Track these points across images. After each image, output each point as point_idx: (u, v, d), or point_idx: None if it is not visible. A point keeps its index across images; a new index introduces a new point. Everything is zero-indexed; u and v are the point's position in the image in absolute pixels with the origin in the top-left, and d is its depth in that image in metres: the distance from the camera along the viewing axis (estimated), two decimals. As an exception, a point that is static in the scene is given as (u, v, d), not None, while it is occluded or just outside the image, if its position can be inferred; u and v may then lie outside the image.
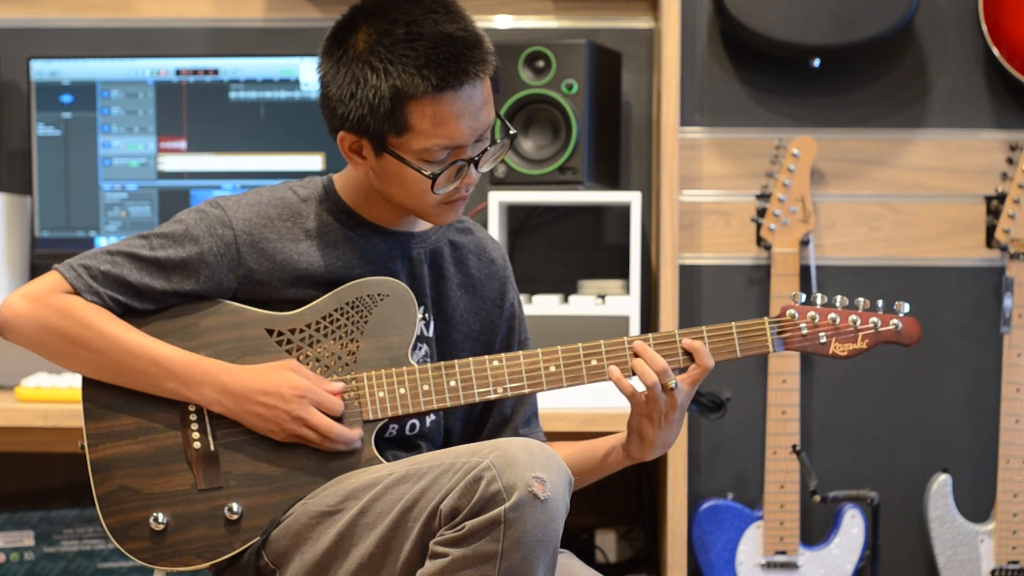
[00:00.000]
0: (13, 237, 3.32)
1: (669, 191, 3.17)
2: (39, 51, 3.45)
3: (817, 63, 3.35)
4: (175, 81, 3.33)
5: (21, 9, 3.50)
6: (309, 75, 3.30)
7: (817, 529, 3.43)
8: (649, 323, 3.31)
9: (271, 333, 2.07)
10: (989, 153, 3.44)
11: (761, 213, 3.37)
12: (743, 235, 3.45)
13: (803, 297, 2.11)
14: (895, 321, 2.11)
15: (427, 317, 2.16)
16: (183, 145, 3.34)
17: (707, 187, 3.46)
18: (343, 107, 2.00)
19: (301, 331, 2.08)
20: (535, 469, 1.81)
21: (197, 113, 3.33)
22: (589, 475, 2.18)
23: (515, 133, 2.09)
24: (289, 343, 2.07)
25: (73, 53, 3.44)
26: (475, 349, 2.20)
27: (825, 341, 2.10)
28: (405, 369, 2.07)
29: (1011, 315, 3.29)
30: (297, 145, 3.32)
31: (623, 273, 3.31)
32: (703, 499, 3.36)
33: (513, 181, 3.22)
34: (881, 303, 2.12)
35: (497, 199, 3.22)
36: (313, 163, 3.32)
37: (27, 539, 3.30)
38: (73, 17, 3.51)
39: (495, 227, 3.21)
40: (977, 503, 3.39)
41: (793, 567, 3.29)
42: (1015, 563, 3.29)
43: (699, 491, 3.44)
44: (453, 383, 2.06)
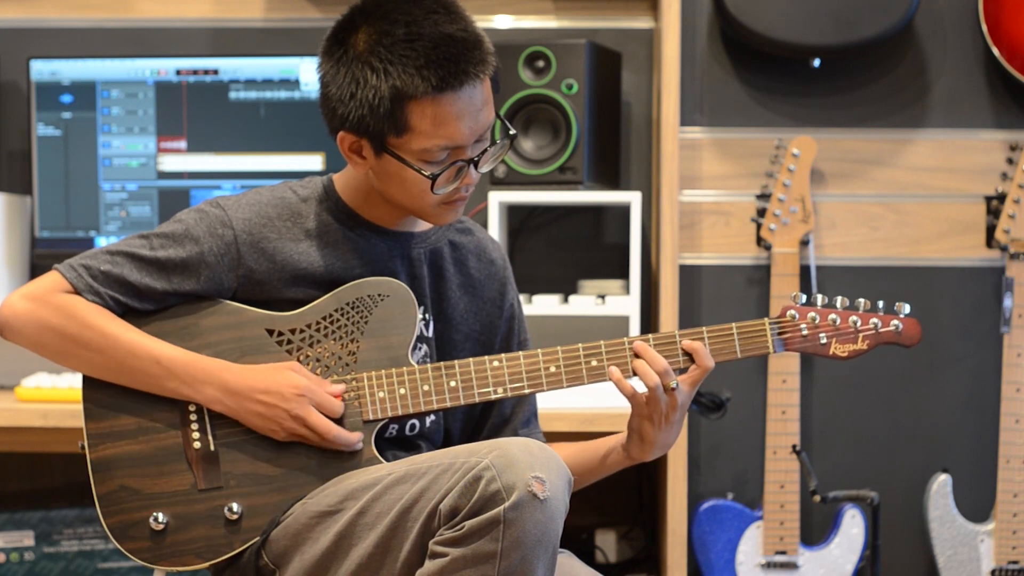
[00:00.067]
0: (13, 237, 3.32)
1: (669, 191, 3.17)
2: (39, 51, 3.45)
3: (817, 63, 3.35)
4: (175, 81, 3.33)
5: (21, 9, 3.50)
6: (309, 75, 3.30)
7: (817, 529, 3.43)
8: (649, 323, 3.31)
9: (271, 333, 2.07)
10: (989, 153, 3.44)
11: (761, 213, 3.37)
12: (743, 235, 3.45)
13: (803, 298, 2.11)
14: (895, 322, 2.11)
15: (427, 317, 2.16)
16: (183, 145, 3.34)
17: (707, 187, 3.46)
18: (343, 107, 2.00)
19: (301, 331, 2.08)
20: (535, 469, 1.81)
21: (197, 113, 3.33)
22: (589, 476, 2.18)
23: (515, 133, 2.09)
24: (289, 343, 2.07)
25: (73, 53, 3.44)
26: (475, 349, 2.20)
27: (825, 342, 2.10)
28: (405, 369, 2.07)
29: (1011, 315, 3.29)
30: (297, 145, 3.32)
31: (623, 273, 3.31)
32: (703, 499, 3.36)
33: (513, 181, 3.22)
34: (882, 304, 2.12)
35: (497, 199, 3.22)
36: (313, 163, 3.32)
37: (27, 539, 3.30)
38: (73, 17, 3.51)
39: (495, 227, 3.21)
40: (977, 503, 3.39)
41: (793, 567, 3.29)
42: (1015, 563, 3.29)
43: (699, 491, 3.44)
44: (453, 383, 2.06)
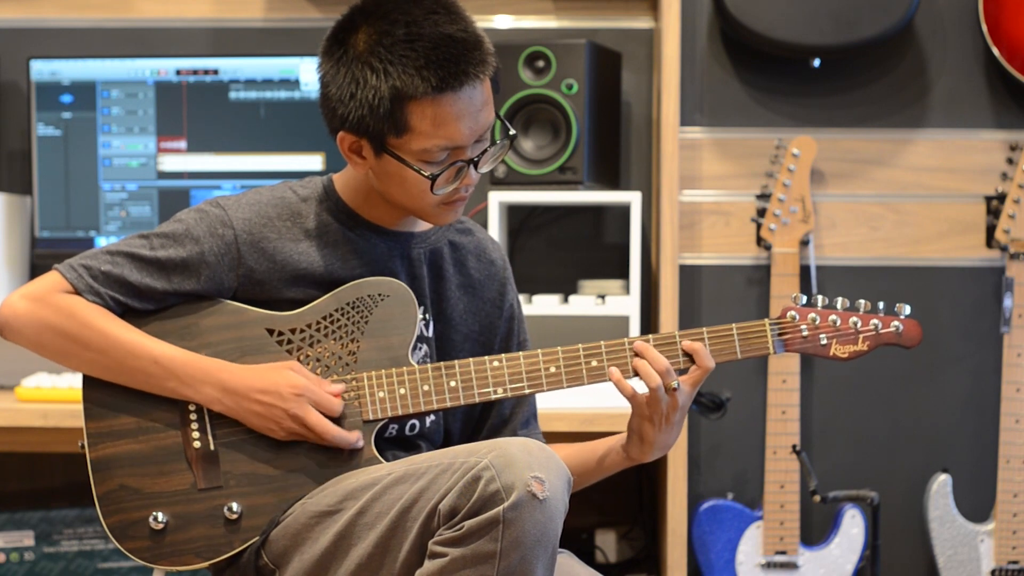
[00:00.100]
0: (13, 237, 3.32)
1: (669, 191, 3.17)
2: (39, 51, 3.45)
3: (817, 63, 3.35)
4: (175, 81, 3.33)
5: (21, 9, 3.50)
6: (309, 75, 3.30)
7: (817, 529, 3.43)
8: (649, 323, 3.31)
9: (271, 333, 2.07)
10: (989, 153, 3.44)
11: (761, 213, 3.37)
12: (743, 235, 3.45)
13: (804, 298, 2.11)
14: (896, 323, 2.11)
15: (427, 317, 2.16)
16: (183, 145, 3.34)
17: (707, 187, 3.46)
18: (343, 107, 2.00)
19: (301, 331, 2.08)
20: (534, 469, 1.81)
21: (197, 113, 3.33)
22: (588, 476, 2.17)
23: (515, 134, 2.09)
24: (289, 343, 2.07)
25: (73, 53, 3.44)
26: (474, 350, 2.20)
27: (826, 343, 2.10)
28: (405, 369, 2.07)
29: (1011, 315, 3.29)
30: (297, 145, 3.32)
31: (623, 273, 3.31)
32: (703, 499, 3.36)
33: (513, 181, 3.22)
34: (882, 305, 2.12)
35: (497, 199, 3.22)
36: (313, 163, 3.32)
37: (27, 539, 3.30)
38: (73, 17, 3.51)
39: (495, 227, 3.21)
40: (977, 503, 3.39)
41: (793, 567, 3.29)
42: (1015, 563, 3.29)
43: (699, 491, 3.44)
44: (453, 383, 2.06)
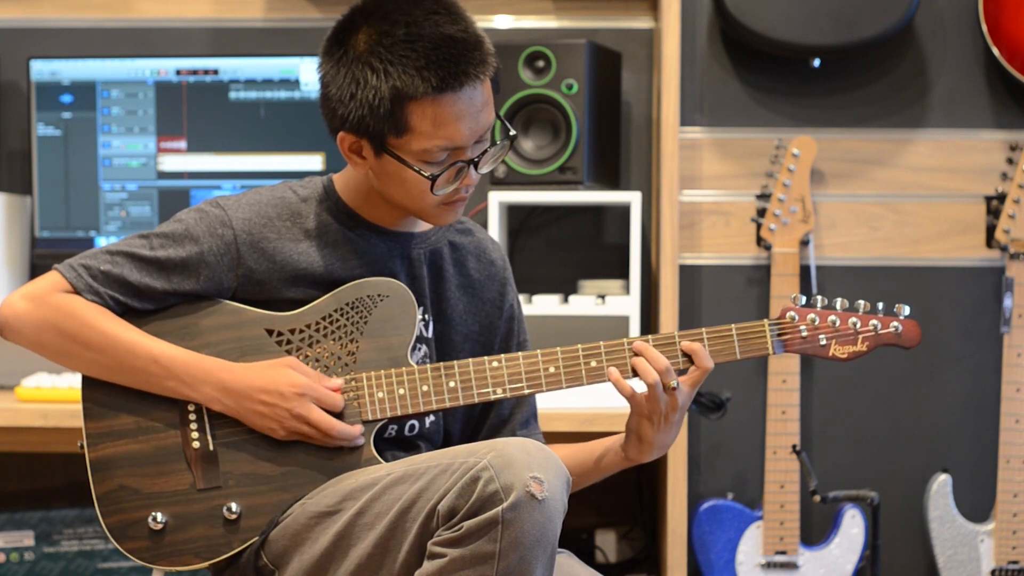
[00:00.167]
0: (13, 237, 3.32)
1: (669, 191, 3.17)
2: (39, 51, 3.45)
3: (817, 63, 3.35)
4: (175, 81, 3.33)
5: (21, 9, 3.50)
6: (309, 75, 3.30)
7: (817, 529, 3.43)
8: (649, 323, 3.31)
9: (271, 333, 2.07)
10: (989, 153, 3.43)
11: (761, 213, 3.37)
12: (743, 235, 3.45)
13: (803, 299, 2.11)
14: (895, 324, 2.11)
15: (426, 318, 2.16)
16: (183, 145, 3.34)
17: (707, 187, 3.46)
18: (343, 107, 2.00)
19: (301, 331, 2.08)
20: (533, 469, 1.81)
21: (197, 113, 3.33)
22: (586, 476, 2.17)
23: (515, 134, 2.09)
24: (289, 343, 2.07)
25: (73, 53, 3.44)
26: (474, 350, 2.20)
27: (825, 343, 2.10)
28: (404, 370, 2.07)
29: (1011, 315, 3.29)
30: (297, 145, 3.32)
31: (623, 273, 3.31)
32: (703, 499, 3.36)
33: (513, 181, 3.22)
34: (881, 305, 2.12)
35: (497, 199, 3.22)
36: (313, 163, 3.32)
37: (27, 539, 3.30)
38: (73, 17, 3.51)
39: (495, 227, 3.21)
40: (977, 503, 3.39)
41: (793, 567, 3.29)
42: (1015, 563, 3.29)
43: (699, 491, 3.44)
44: (452, 384, 2.06)
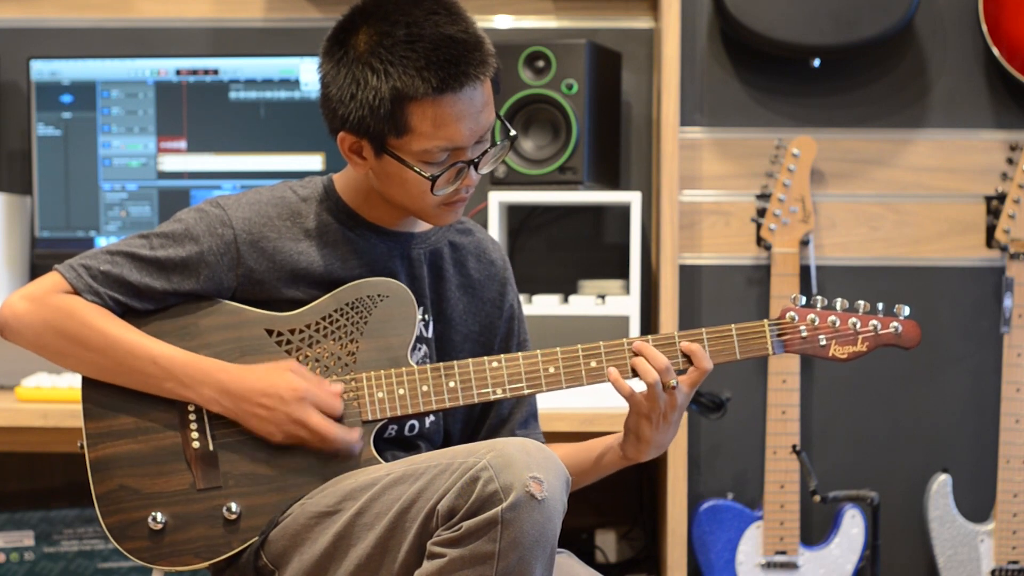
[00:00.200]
0: (13, 237, 3.32)
1: (669, 191, 3.17)
2: (39, 51, 3.45)
3: (817, 63, 3.35)
4: (175, 81, 3.33)
5: (21, 9, 3.50)
6: (309, 75, 3.30)
7: (817, 529, 3.43)
8: (649, 323, 3.31)
9: (271, 333, 2.07)
10: (989, 153, 3.43)
11: (761, 213, 3.37)
12: (743, 235, 3.45)
13: (803, 299, 2.11)
14: (895, 324, 2.11)
15: (426, 318, 2.16)
16: (183, 145, 3.34)
17: (707, 187, 3.46)
18: (343, 108, 2.00)
19: (301, 331, 2.08)
20: (532, 469, 1.81)
21: (197, 113, 3.33)
22: (585, 476, 2.17)
23: (515, 134, 2.09)
24: (289, 343, 2.07)
25: (73, 53, 3.44)
26: (474, 350, 2.20)
27: (825, 344, 2.10)
28: (404, 370, 2.07)
29: (1011, 315, 3.29)
30: (297, 145, 3.32)
31: (623, 273, 3.31)
32: (703, 499, 3.36)
33: (513, 181, 3.22)
34: (881, 306, 2.12)
35: (497, 199, 3.22)
36: (313, 163, 3.32)
37: (27, 539, 3.30)
38: (73, 17, 3.51)
39: (495, 227, 3.21)
40: (977, 503, 3.39)
41: (793, 567, 3.29)
42: (1015, 563, 3.29)
43: (699, 491, 3.44)
44: (452, 384, 2.06)
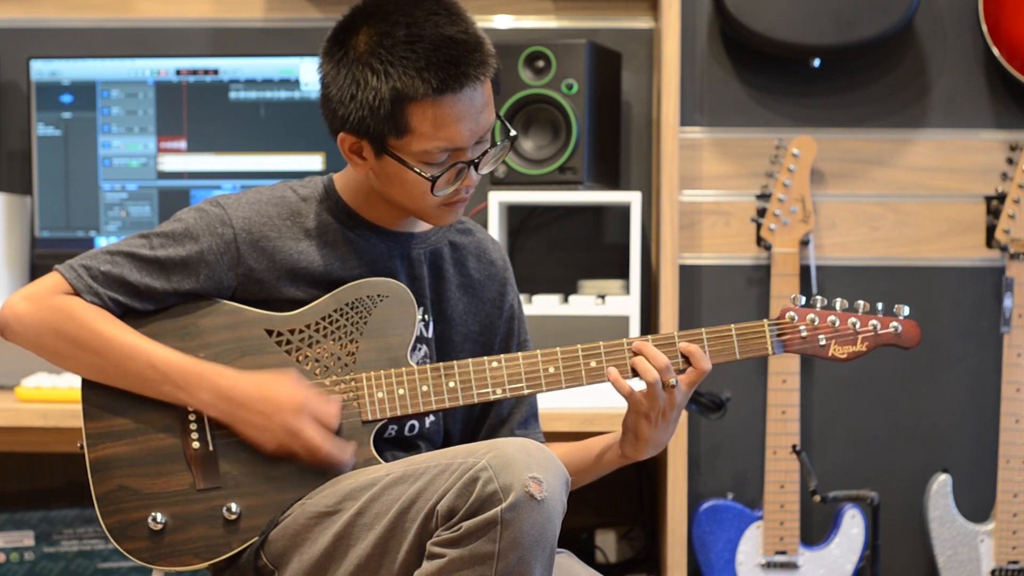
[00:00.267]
0: (13, 237, 3.32)
1: (669, 191, 3.17)
2: (39, 51, 3.45)
3: (817, 63, 3.35)
4: (175, 81, 3.33)
5: (21, 9, 3.50)
6: (309, 75, 3.30)
7: (817, 529, 3.43)
8: (649, 323, 3.31)
9: (270, 333, 2.07)
10: (989, 153, 3.44)
11: (761, 213, 3.37)
12: (743, 235, 3.45)
13: (803, 299, 2.11)
14: (894, 324, 2.11)
15: (426, 318, 2.16)
16: (183, 145, 3.34)
17: (707, 187, 3.46)
18: (343, 108, 2.00)
19: (300, 331, 2.07)
20: (531, 469, 1.81)
21: (197, 113, 3.33)
22: (583, 475, 2.17)
23: (515, 135, 2.09)
24: (288, 343, 2.07)
25: (73, 53, 3.44)
26: (474, 350, 2.20)
27: (824, 343, 2.10)
28: (404, 370, 2.07)
29: (1011, 315, 3.29)
30: (297, 145, 3.32)
31: (623, 273, 3.31)
32: (703, 499, 3.36)
33: (513, 181, 3.22)
34: (881, 306, 2.12)
35: (497, 199, 3.22)
36: (313, 163, 3.32)
37: (27, 539, 3.30)
38: (73, 17, 3.51)
39: (495, 227, 3.21)
40: (977, 503, 3.39)
41: (793, 567, 3.29)
42: (1015, 563, 3.29)
43: (699, 491, 3.44)
44: (452, 384, 2.06)
